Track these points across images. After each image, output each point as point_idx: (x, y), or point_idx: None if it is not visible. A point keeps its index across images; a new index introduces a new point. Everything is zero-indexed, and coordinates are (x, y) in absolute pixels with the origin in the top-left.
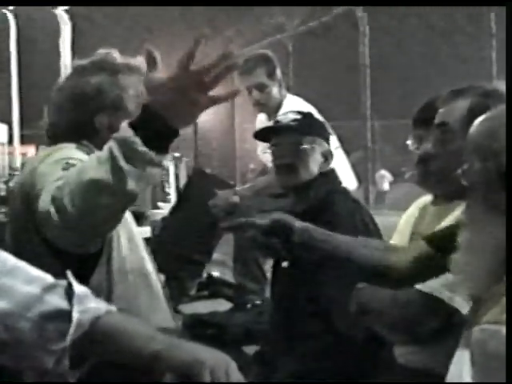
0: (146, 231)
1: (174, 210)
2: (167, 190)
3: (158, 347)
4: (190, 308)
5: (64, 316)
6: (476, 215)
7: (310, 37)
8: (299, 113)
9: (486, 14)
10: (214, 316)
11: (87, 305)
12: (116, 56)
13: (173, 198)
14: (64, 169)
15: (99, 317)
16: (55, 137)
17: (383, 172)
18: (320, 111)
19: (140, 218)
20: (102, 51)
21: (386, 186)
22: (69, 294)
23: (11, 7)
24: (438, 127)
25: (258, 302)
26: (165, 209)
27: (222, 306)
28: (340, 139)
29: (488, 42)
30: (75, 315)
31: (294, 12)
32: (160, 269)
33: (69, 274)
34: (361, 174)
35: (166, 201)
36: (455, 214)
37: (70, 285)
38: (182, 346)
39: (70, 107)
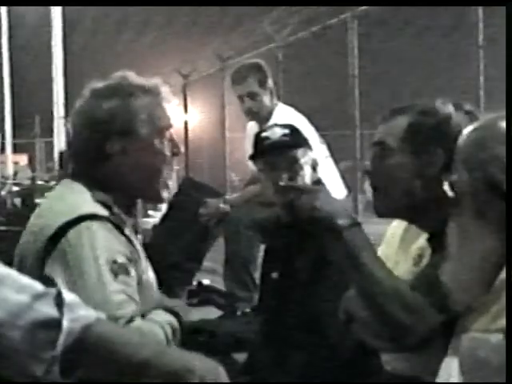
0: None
1: (164, 218)
2: None
3: (148, 355)
4: None
5: (54, 324)
6: (464, 225)
7: (301, 47)
8: (285, 126)
9: (475, 26)
10: (203, 323)
11: (77, 313)
12: (131, 78)
13: (163, 206)
14: (114, 272)
15: (89, 325)
16: (70, 159)
17: None
18: (310, 120)
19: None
20: (117, 74)
21: None
22: (59, 302)
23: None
24: (376, 145)
25: (247, 310)
26: (155, 217)
27: (212, 313)
28: (330, 148)
29: (476, 55)
30: (65, 323)
31: (284, 22)
32: None
33: (58, 282)
34: (350, 183)
35: (156, 209)
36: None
37: (59, 293)
38: (171, 353)
39: (82, 131)
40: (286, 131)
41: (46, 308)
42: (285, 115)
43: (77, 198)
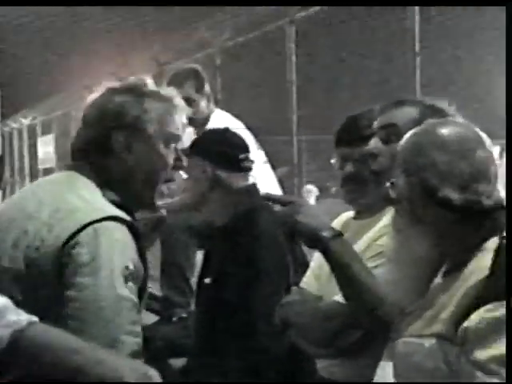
0: None
1: None
2: None
3: (80, 362)
4: None
5: None
6: (401, 227)
7: (239, 52)
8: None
9: (410, 31)
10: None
11: (8, 318)
12: (148, 82)
13: None
14: (126, 278)
15: (21, 330)
16: (74, 151)
17: (309, 186)
18: (247, 126)
19: None
20: (136, 77)
21: (312, 200)
22: None
23: None
24: (384, 128)
25: (183, 315)
26: None
27: (148, 318)
28: (267, 154)
29: (412, 60)
30: None
31: (222, 27)
32: None
33: None
34: (287, 189)
35: None
36: (374, 228)
37: None
38: (104, 361)
39: (92, 121)
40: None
41: None
42: (222, 120)
43: (96, 197)
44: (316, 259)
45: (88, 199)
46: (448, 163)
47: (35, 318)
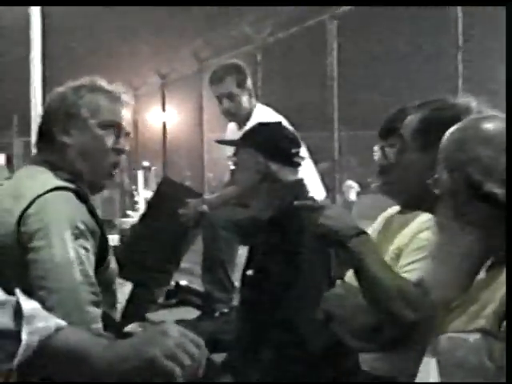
0: (115, 239)
1: (143, 218)
2: (136, 198)
3: (111, 363)
4: (157, 316)
5: (12, 336)
6: (445, 223)
7: (280, 47)
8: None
9: (454, 26)
10: (181, 324)
11: (36, 324)
12: (96, 79)
13: (141, 206)
14: (76, 236)
15: (49, 336)
16: (36, 144)
17: (350, 182)
18: (289, 121)
19: (108, 226)
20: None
21: (352, 196)
22: (18, 311)
23: None
24: (398, 137)
25: (225, 311)
26: (134, 217)
27: (190, 314)
28: (309, 149)
29: (454, 55)
30: (24, 337)
31: (263, 23)
32: (128, 277)
33: (17, 291)
34: (329, 184)
35: (134, 209)
36: (418, 221)
37: (18, 302)
38: (130, 355)
39: (41, 117)
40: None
41: (5, 319)
42: (264, 116)
43: (46, 177)
44: None
45: (40, 181)
46: (492, 158)
47: (63, 323)
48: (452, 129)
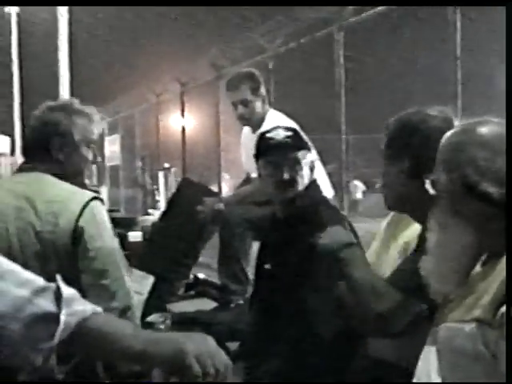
0: (138, 235)
1: (163, 216)
2: (157, 197)
3: (142, 345)
4: (178, 306)
5: (52, 318)
6: (442, 221)
7: (291, 57)
8: (287, 129)
9: (453, 35)
10: (199, 314)
11: (74, 307)
12: (74, 102)
13: (162, 205)
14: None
15: (86, 319)
16: (26, 154)
17: (356, 182)
18: (299, 125)
19: (131, 224)
20: (66, 98)
21: (359, 195)
22: (57, 296)
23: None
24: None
25: (240, 302)
26: (155, 215)
27: (208, 305)
28: (317, 151)
29: (453, 64)
30: (62, 318)
31: (275, 34)
32: (150, 270)
33: (58, 277)
34: (336, 184)
35: (156, 207)
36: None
37: (58, 288)
38: (164, 340)
39: (36, 131)
40: (289, 133)
41: (45, 303)
42: (276, 120)
43: (67, 186)
44: (371, 248)
45: (65, 189)
46: (487, 159)
47: (99, 309)
48: (449, 133)
